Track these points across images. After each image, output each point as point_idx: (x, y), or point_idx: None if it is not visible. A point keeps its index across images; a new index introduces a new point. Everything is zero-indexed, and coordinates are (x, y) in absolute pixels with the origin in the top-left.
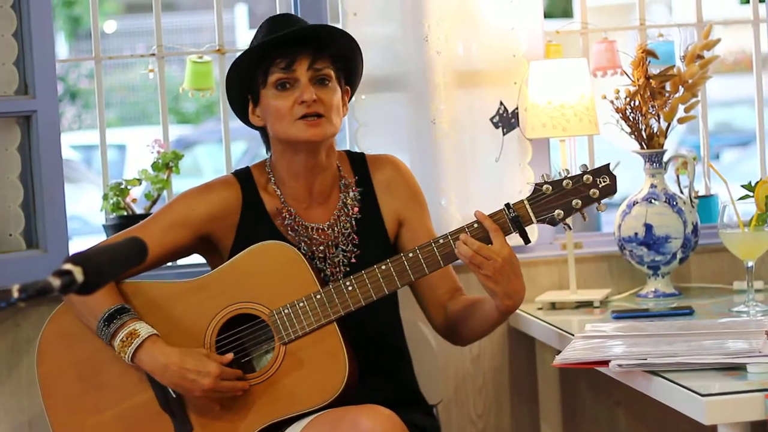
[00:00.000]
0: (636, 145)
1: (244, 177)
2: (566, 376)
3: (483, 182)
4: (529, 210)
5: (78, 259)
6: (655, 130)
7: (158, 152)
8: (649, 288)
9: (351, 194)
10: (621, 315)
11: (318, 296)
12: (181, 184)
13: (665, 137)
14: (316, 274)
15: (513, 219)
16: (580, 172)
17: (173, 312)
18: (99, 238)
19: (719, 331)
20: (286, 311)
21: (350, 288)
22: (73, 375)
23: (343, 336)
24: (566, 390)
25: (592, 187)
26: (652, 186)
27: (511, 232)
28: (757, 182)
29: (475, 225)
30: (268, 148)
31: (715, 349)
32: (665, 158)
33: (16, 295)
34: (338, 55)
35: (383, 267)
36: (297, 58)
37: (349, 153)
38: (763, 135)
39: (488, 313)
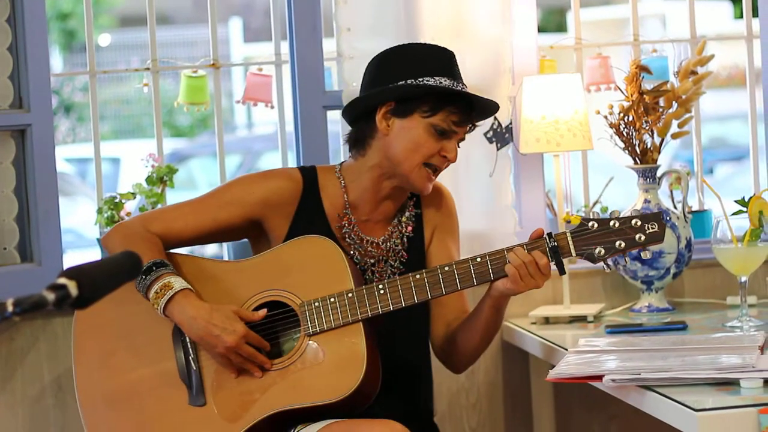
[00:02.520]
0: (630, 161)
1: (308, 174)
2: (560, 391)
3: (477, 197)
4: (570, 242)
5: (72, 273)
6: (648, 146)
7: (152, 166)
8: (642, 303)
9: (407, 213)
10: (614, 330)
11: (350, 294)
12: (175, 198)
13: (659, 152)
14: (355, 275)
15: (552, 248)
16: (630, 215)
17: (210, 289)
18: (93, 251)
19: (713, 346)
20: (316, 304)
21: (382, 291)
22: (105, 335)
23: (372, 342)
24: (560, 404)
25: (639, 231)
26: (646, 201)
27: (550, 261)
28: (751, 197)
29: (514, 247)
30: (354, 145)
31: (708, 364)
32: (659, 173)
33: (10, 308)
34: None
35: (417, 276)
36: (466, 122)
37: None
38: (756, 150)
39: (482, 310)
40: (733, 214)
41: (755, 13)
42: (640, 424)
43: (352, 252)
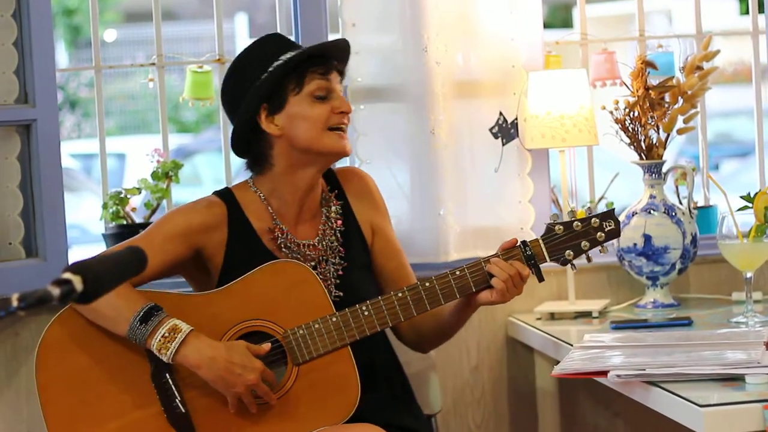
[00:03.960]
0: (635, 156)
1: (227, 197)
2: (565, 387)
3: (482, 193)
4: (544, 249)
5: (77, 268)
6: (654, 141)
7: (158, 161)
8: (647, 298)
9: (333, 208)
10: (620, 325)
11: (334, 319)
12: (180, 194)
13: (664, 148)
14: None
15: (528, 257)
16: (589, 215)
17: (188, 323)
18: (98, 246)
19: (718, 341)
20: (300, 332)
21: (366, 313)
22: (73, 384)
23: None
24: (565, 400)
25: (599, 230)
26: (651, 197)
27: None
28: (756, 193)
29: (485, 260)
30: (256, 165)
31: (713, 360)
32: (664, 169)
33: (15, 304)
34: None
35: (400, 295)
36: (331, 69)
37: None
38: (762, 146)
39: (457, 317)
40: (739, 209)
41: (761, 8)
42: (645, 420)
43: (297, 259)
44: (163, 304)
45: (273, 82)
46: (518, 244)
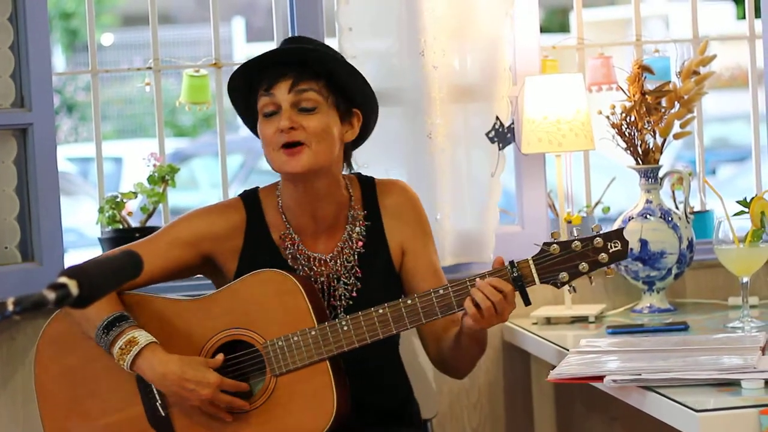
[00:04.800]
0: (631, 161)
1: (251, 200)
2: (561, 391)
3: (479, 197)
4: (533, 270)
5: (73, 272)
6: (650, 146)
7: (154, 165)
8: (644, 303)
9: (357, 228)
10: (616, 330)
11: (312, 333)
12: (177, 198)
13: (661, 153)
14: (317, 309)
15: (515, 278)
16: (592, 234)
17: (171, 329)
18: (95, 250)
19: (714, 346)
20: (279, 343)
21: (345, 328)
22: (68, 382)
23: (339, 376)
24: (561, 405)
25: (602, 251)
26: (648, 201)
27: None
28: (753, 198)
29: (470, 280)
30: None
31: (709, 365)
32: (661, 174)
33: (11, 308)
34: (330, 77)
35: (380, 311)
36: (277, 81)
37: (359, 178)
38: (759, 151)
39: (460, 340)
40: (735, 214)
41: (758, 13)
42: (641, 425)
43: (301, 272)
44: (147, 309)
45: (237, 99)
46: (506, 264)
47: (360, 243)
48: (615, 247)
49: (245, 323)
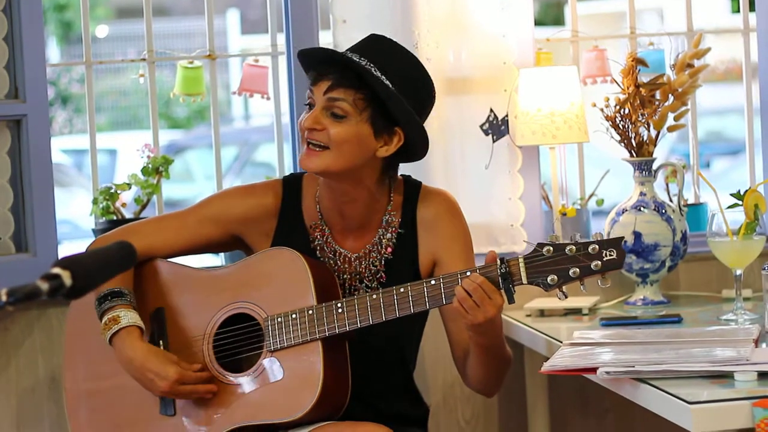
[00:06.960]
0: (625, 153)
1: (291, 184)
2: (555, 383)
3: (472, 189)
4: (522, 269)
5: (66, 262)
6: (644, 138)
7: (148, 157)
8: (637, 296)
9: (389, 235)
10: (609, 322)
11: (310, 312)
12: (171, 190)
13: (655, 145)
14: (321, 290)
15: (503, 275)
16: (589, 240)
17: (186, 297)
18: (89, 242)
19: (707, 339)
20: (278, 319)
21: (340, 311)
22: (92, 341)
23: (332, 360)
24: (554, 397)
25: (596, 258)
26: (642, 194)
27: (500, 288)
28: (746, 191)
29: (462, 274)
30: None
31: (702, 357)
32: (655, 166)
33: (4, 298)
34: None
35: (374, 296)
36: (319, 80)
37: (406, 182)
38: (752, 144)
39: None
40: (729, 207)
41: (752, 7)
42: (634, 417)
43: (328, 264)
44: (165, 276)
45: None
46: (498, 260)
47: (389, 249)
48: (610, 255)
49: (252, 297)
